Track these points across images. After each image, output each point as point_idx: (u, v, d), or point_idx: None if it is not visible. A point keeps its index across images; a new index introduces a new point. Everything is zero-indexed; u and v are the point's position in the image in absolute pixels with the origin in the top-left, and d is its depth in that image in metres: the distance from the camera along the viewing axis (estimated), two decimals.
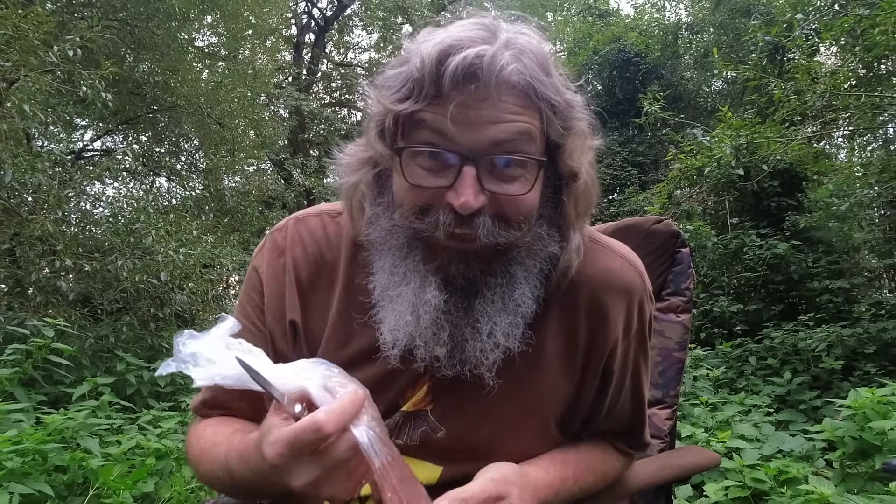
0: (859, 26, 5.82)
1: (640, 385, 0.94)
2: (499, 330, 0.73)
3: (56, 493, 2.46)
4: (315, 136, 15.14)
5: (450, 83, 0.66)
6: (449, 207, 0.69)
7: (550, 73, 0.71)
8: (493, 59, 0.66)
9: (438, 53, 0.66)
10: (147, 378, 4.80)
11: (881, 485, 2.67)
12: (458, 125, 0.67)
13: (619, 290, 0.85)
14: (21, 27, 4.87)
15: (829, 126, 7.13)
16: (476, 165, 0.68)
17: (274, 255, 0.88)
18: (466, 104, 0.67)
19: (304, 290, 0.86)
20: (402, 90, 0.69)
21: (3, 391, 3.33)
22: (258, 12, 9.28)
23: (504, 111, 0.68)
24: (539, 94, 0.69)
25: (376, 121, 0.72)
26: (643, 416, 0.97)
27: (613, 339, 0.85)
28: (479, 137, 0.67)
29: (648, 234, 1.41)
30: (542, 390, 0.83)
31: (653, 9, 16.38)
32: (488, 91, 0.67)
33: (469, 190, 0.67)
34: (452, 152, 0.68)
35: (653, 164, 13.21)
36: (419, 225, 0.72)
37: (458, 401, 0.81)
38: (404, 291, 0.73)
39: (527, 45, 0.71)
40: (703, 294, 7.70)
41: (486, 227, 0.69)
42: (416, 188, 0.71)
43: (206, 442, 0.85)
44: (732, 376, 5.84)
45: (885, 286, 10.28)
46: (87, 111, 7.42)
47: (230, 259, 6.94)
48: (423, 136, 0.69)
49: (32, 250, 5.31)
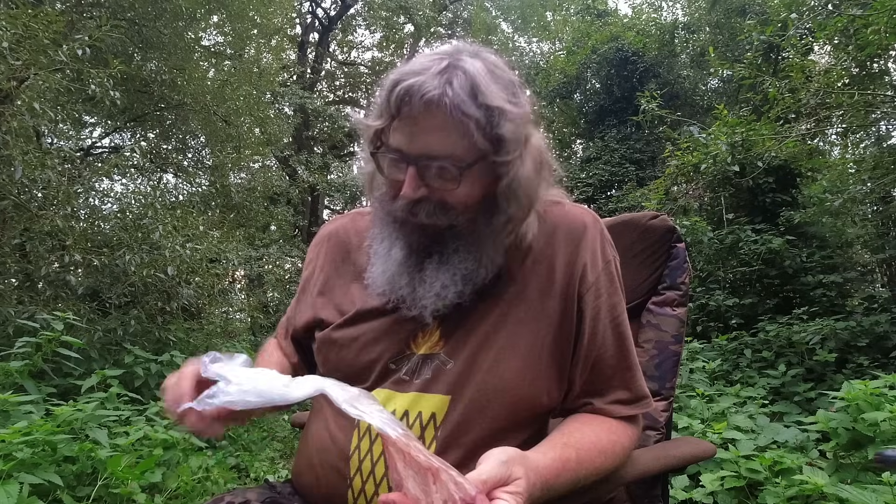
0: (852, 26, 5.85)
1: (619, 324, 1.02)
2: (438, 283, 0.96)
3: (65, 483, 2.49)
4: (319, 134, 15.18)
5: (394, 107, 0.88)
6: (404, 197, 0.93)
7: (479, 90, 0.87)
8: (420, 87, 0.85)
9: (391, 83, 0.88)
10: (154, 370, 4.75)
11: (874, 475, 2.65)
12: (404, 137, 0.90)
13: (580, 226, 1.06)
14: (31, 27, 4.88)
15: (822, 123, 7.18)
16: (416, 166, 0.90)
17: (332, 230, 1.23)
18: (408, 122, 0.89)
19: (349, 255, 1.16)
20: (377, 111, 0.93)
21: (14, 383, 3.34)
22: (263, 12, 9.31)
23: (434, 126, 0.88)
24: (456, 108, 0.86)
25: (368, 133, 0.96)
26: (630, 359, 1.02)
27: (582, 264, 1.02)
28: (416, 146, 0.89)
29: (645, 229, 1.44)
30: (530, 316, 1.00)
31: (650, 8, 16.40)
32: (417, 111, 0.87)
33: (409, 185, 0.91)
34: (400, 157, 0.91)
35: (650, 161, 13.18)
36: (391, 207, 0.97)
37: (463, 337, 0.98)
38: (380, 251, 1.00)
39: (466, 68, 0.87)
40: (699, 288, 7.69)
41: (426, 212, 0.93)
42: (388, 180, 0.97)
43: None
44: (728, 369, 5.86)
45: (877, 280, 10.25)
46: (96, 109, 7.41)
47: (236, 254, 6.98)
48: (387, 143, 0.93)
49: (42, 245, 5.31)
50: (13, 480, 2.19)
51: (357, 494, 0.94)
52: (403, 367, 0.98)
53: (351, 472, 0.95)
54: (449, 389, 0.95)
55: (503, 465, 0.75)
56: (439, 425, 0.93)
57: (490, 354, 0.96)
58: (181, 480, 3.02)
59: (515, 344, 0.97)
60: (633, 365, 1.03)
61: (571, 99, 15.06)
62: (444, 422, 0.93)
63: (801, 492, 2.42)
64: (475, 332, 0.98)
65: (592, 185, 13.08)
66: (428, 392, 0.95)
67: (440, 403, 0.94)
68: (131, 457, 2.89)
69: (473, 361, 0.96)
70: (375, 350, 1.00)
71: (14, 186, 4.93)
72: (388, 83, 0.89)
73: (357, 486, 0.94)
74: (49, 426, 2.59)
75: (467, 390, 0.94)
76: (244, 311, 9.86)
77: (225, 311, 8.27)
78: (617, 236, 1.47)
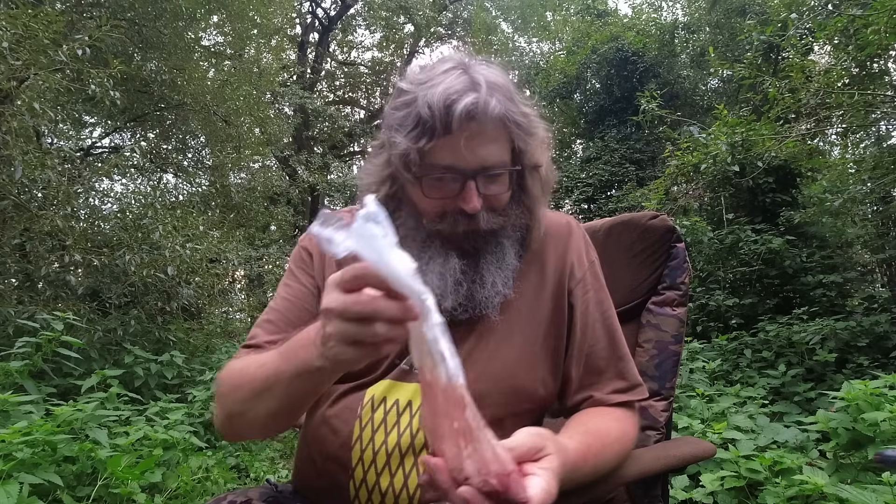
0: (852, 26, 5.84)
1: (608, 317, 1.09)
2: (499, 282, 0.99)
3: (65, 483, 2.49)
4: (319, 134, 15.21)
5: (457, 123, 0.89)
6: (460, 211, 0.95)
7: (514, 99, 0.94)
8: (484, 102, 0.89)
9: (443, 101, 0.88)
10: (154, 370, 4.82)
11: (874, 475, 2.65)
12: (454, 153, 0.91)
13: (566, 229, 1.13)
14: (31, 27, 4.90)
15: (822, 123, 7.18)
16: (475, 180, 0.93)
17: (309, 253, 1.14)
18: (469, 137, 0.90)
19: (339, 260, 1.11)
20: (417, 130, 0.91)
21: (14, 383, 3.35)
22: (263, 12, 9.33)
23: (490, 138, 0.92)
24: (510, 119, 0.93)
25: (401, 154, 0.93)
26: (621, 349, 1.08)
27: (570, 262, 1.10)
28: (476, 160, 0.92)
29: (645, 229, 1.44)
30: (525, 312, 1.05)
31: (650, 8, 16.38)
32: (483, 126, 0.91)
33: (474, 197, 0.93)
34: (459, 173, 0.93)
35: (650, 161, 13.16)
36: (440, 226, 0.97)
37: (463, 332, 1.00)
38: (433, 266, 0.97)
39: (497, 82, 0.93)
40: (699, 288, 7.70)
41: (484, 219, 0.96)
42: (432, 200, 0.96)
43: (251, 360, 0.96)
44: (728, 369, 5.85)
45: (877, 280, 10.22)
46: (96, 109, 7.44)
47: (236, 254, 7.01)
48: (434, 163, 0.93)
49: (42, 245, 5.34)
50: (13, 480, 2.20)
51: (359, 484, 0.95)
52: (405, 359, 1.00)
53: (353, 461, 0.96)
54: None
55: (536, 436, 0.76)
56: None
57: (489, 346, 1.01)
58: (181, 480, 3.04)
59: (512, 336, 1.02)
60: (624, 355, 1.09)
61: (571, 99, 15.05)
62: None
63: (801, 492, 2.42)
64: (474, 326, 1.01)
65: (592, 185, 13.08)
66: None
67: None
68: (131, 457, 2.90)
69: (473, 352, 1.00)
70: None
71: (14, 186, 4.95)
72: (436, 101, 0.89)
73: (359, 475, 0.95)
74: (49, 426, 2.59)
75: (467, 379, 0.95)
76: (244, 311, 9.88)
77: (225, 311, 8.29)
78: (617, 236, 1.48)
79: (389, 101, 0.99)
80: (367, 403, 0.99)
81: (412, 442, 0.94)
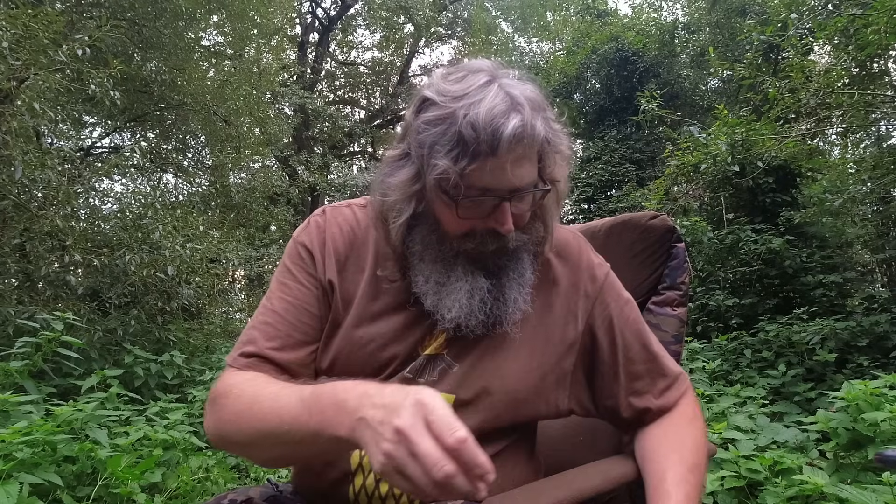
0: (852, 26, 5.84)
1: (633, 322, 1.09)
2: (520, 298, 0.97)
3: (65, 483, 2.48)
4: (319, 134, 15.23)
5: (505, 147, 0.83)
6: (491, 231, 0.92)
7: (549, 117, 0.91)
8: (532, 127, 0.85)
9: (491, 122, 0.83)
10: (154, 370, 4.81)
11: (874, 475, 2.64)
12: (492, 175, 0.86)
13: (574, 251, 1.12)
14: (31, 27, 4.90)
15: (822, 123, 7.18)
16: (510, 201, 0.90)
17: (317, 232, 1.08)
18: (514, 160, 0.86)
19: (341, 258, 1.06)
20: (457, 150, 0.85)
21: (14, 383, 3.35)
22: (263, 12, 9.33)
23: (520, 160, 0.88)
24: (550, 140, 0.90)
25: (440, 176, 0.87)
26: (654, 348, 1.09)
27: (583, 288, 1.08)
28: (507, 181, 0.87)
29: (645, 229, 1.43)
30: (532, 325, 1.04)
31: (650, 8, 16.39)
32: (528, 150, 0.88)
33: (509, 219, 0.90)
34: (496, 195, 0.89)
35: (650, 161, 13.17)
36: (466, 246, 0.94)
37: (468, 343, 1.00)
38: (460, 285, 0.95)
39: (536, 100, 0.89)
40: (699, 288, 7.71)
41: (513, 238, 0.94)
42: (463, 220, 0.91)
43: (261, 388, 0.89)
44: (728, 369, 5.86)
45: (877, 280, 10.24)
46: (96, 109, 7.45)
47: (236, 254, 7.01)
48: (473, 184, 0.87)
49: (42, 245, 5.33)
50: (13, 480, 2.19)
51: (358, 489, 0.95)
52: (409, 367, 0.99)
53: (352, 466, 0.96)
54: (453, 389, 0.97)
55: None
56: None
57: (494, 359, 1.00)
58: (181, 480, 3.02)
59: (519, 349, 1.01)
60: (658, 352, 1.09)
61: (571, 99, 15.05)
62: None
63: (801, 492, 2.41)
64: (479, 337, 1.00)
65: (592, 185, 13.08)
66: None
67: (446, 399, 0.95)
68: (131, 457, 2.89)
69: (478, 364, 0.99)
70: (387, 353, 1.00)
71: (14, 186, 4.95)
72: (481, 122, 0.83)
73: (358, 481, 0.95)
74: (49, 426, 2.58)
75: (471, 390, 0.98)
76: (244, 311, 9.87)
77: (225, 311, 8.29)
78: (617, 236, 1.47)
79: (413, 109, 0.93)
80: None
81: None
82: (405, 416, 0.65)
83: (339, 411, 0.73)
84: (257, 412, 0.85)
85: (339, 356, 1.00)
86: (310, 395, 0.79)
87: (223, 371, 1.00)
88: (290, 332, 1.00)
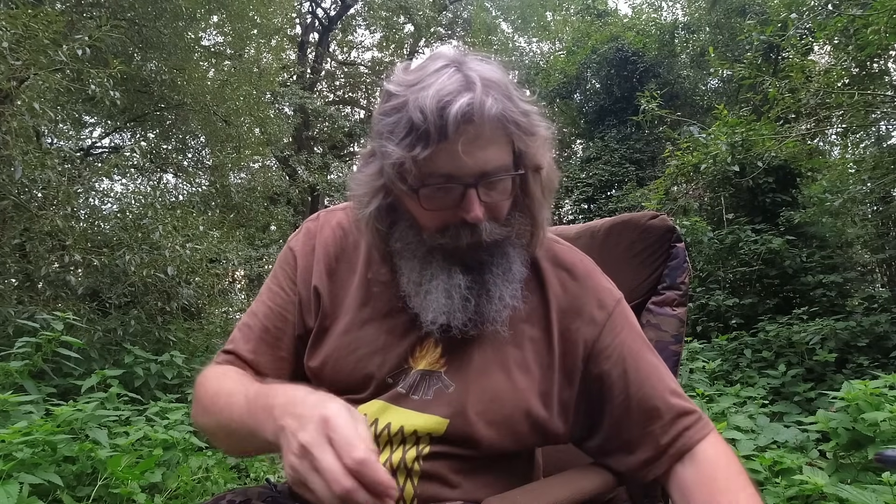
0: (852, 26, 5.86)
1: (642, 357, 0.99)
2: (507, 294, 0.93)
3: (65, 483, 2.48)
4: (319, 134, 15.24)
5: (453, 127, 0.81)
6: (462, 221, 0.88)
7: (513, 96, 0.86)
8: (480, 104, 0.81)
9: (437, 104, 0.80)
10: (154, 370, 4.79)
11: (874, 475, 2.64)
12: (452, 160, 0.83)
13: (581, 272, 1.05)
14: (31, 27, 4.88)
15: (822, 123, 7.20)
16: (476, 187, 0.86)
17: (306, 238, 1.08)
18: (467, 142, 0.83)
19: (331, 262, 1.05)
20: (410, 137, 0.83)
21: (14, 383, 3.34)
22: (263, 12, 9.32)
23: (489, 141, 0.85)
24: (509, 119, 0.85)
25: (395, 165, 0.85)
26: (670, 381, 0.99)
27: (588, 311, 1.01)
28: (476, 166, 0.84)
29: (644, 229, 1.42)
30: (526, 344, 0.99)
31: (650, 8, 16.40)
32: (481, 129, 0.83)
33: (476, 206, 0.86)
34: (458, 181, 0.85)
35: (650, 161, 13.18)
36: (441, 241, 0.90)
37: (466, 362, 0.96)
38: (437, 284, 0.92)
39: (493, 78, 0.85)
40: (699, 288, 7.71)
41: (487, 230, 0.89)
42: (431, 212, 0.89)
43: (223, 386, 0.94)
44: (728, 369, 5.88)
45: (877, 280, 10.26)
46: (96, 109, 7.43)
47: (236, 254, 7.00)
48: (431, 171, 0.85)
49: (42, 245, 5.32)
50: (13, 480, 2.19)
51: None
52: (401, 382, 0.95)
53: None
54: (448, 413, 0.93)
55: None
56: (433, 444, 0.92)
57: (491, 383, 0.95)
58: (181, 480, 3.01)
59: (516, 375, 0.96)
60: (676, 388, 0.99)
61: (571, 99, 15.07)
62: (440, 441, 0.92)
63: (801, 492, 2.42)
64: (477, 356, 0.96)
65: (592, 185, 13.09)
66: (427, 412, 0.93)
67: (437, 426, 0.92)
68: (131, 457, 2.89)
69: (475, 388, 0.94)
70: (374, 362, 0.96)
71: (14, 186, 4.94)
72: (428, 105, 0.81)
73: None
74: (49, 426, 2.58)
75: (468, 415, 0.93)
76: (244, 311, 9.82)
77: (225, 311, 8.27)
78: (616, 236, 1.47)
79: (378, 105, 0.91)
80: None
81: (403, 464, 0.90)
82: (310, 430, 0.67)
83: (268, 415, 0.77)
84: (216, 405, 0.92)
85: (328, 362, 0.99)
86: (253, 396, 0.83)
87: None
88: (263, 336, 1.03)
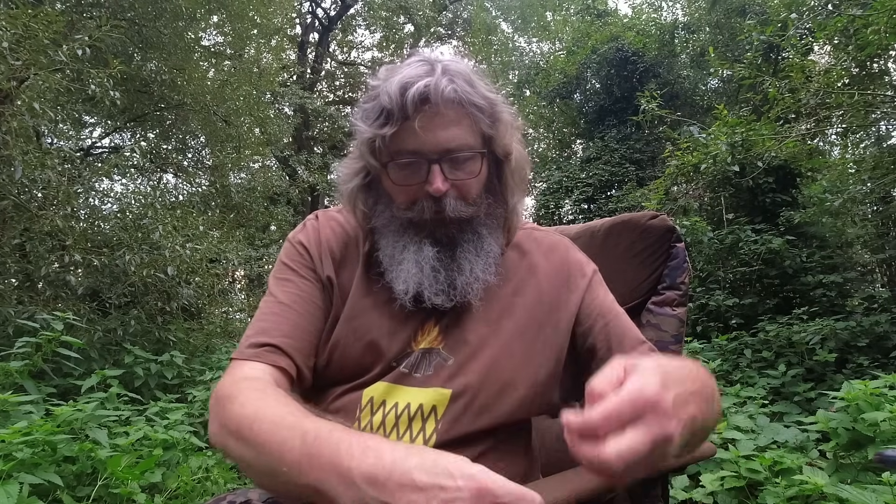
0: (852, 26, 5.84)
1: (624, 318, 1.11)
2: (478, 268, 1.00)
3: (65, 483, 2.48)
4: (319, 134, 15.25)
5: (411, 108, 0.91)
6: (427, 195, 0.96)
7: (473, 83, 0.96)
8: (436, 85, 0.91)
9: (399, 88, 0.91)
10: (154, 370, 4.80)
11: (874, 475, 2.65)
12: (417, 138, 0.93)
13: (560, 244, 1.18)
14: (31, 27, 4.89)
15: (822, 123, 7.18)
16: (439, 163, 0.94)
17: (313, 232, 1.13)
18: (425, 120, 0.92)
19: (336, 256, 1.10)
20: (380, 118, 0.94)
21: (14, 383, 3.34)
22: (263, 12, 9.34)
23: (449, 121, 0.94)
24: (468, 101, 0.94)
25: (367, 142, 0.96)
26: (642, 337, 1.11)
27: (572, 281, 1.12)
28: (437, 143, 0.94)
29: (644, 229, 1.43)
30: (526, 316, 1.06)
31: (650, 8, 16.36)
32: (437, 108, 0.92)
33: (438, 179, 0.94)
34: (423, 157, 0.94)
35: (650, 161, 13.15)
36: (410, 215, 0.98)
37: (462, 335, 1.02)
38: (407, 255, 0.99)
39: (456, 68, 0.95)
40: (699, 288, 7.70)
41: (451, 206, 0.97)
42: (401, 187, 0.98)
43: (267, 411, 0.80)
44: (728, 369, 5.86)
45: (877, 280, 10.21)
46: (96, 109, 7.46)
47: (236, 254, 7.01)
48: (399, 149, 0.95)
49: (42, 245, 5.33)
50: (13, 480, 2.19)
51: None
52: (403, 362, 1.00)
53: None
54: (450, 384, 0.98)
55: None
56: (440, 418, 0.95)
57: (490, 353, 1.01)
58: (181, 480, 3.02)
59: (512, 343, 1.03)
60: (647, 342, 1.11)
61: (571, 99, 15.05)
62: (445, 414, 0.96)
63: (801, 492, 2.42)
64: (473, 329, 1.02)
65: (592, 185, 13.08)
66: (429, 386, 0.98)
67: (441, 397, 0.97)
68: (131, 457, 2.89)
69: (474, 358, 1.00)
70: (383, 345, 1.01)
71: (14, 186, 4.94)
72: (393, 89, 0.91)
73: None
74: (49, 426, 2.59)
75: (469, 385, 0.98)
76: (244, 311, 9.86)
77: (225, 311, 8.29)
78: (616, 236, 1.47)
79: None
80: (365, 406, 0.98)
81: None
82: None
83: (341, 479, 0.64)
84: (255, 434, 0.77)
85: (335, 350, 1.02)
86: (312, 440, 0.70)
87: (228, 367, 0.97)
88: (298, 321, 1.01)
